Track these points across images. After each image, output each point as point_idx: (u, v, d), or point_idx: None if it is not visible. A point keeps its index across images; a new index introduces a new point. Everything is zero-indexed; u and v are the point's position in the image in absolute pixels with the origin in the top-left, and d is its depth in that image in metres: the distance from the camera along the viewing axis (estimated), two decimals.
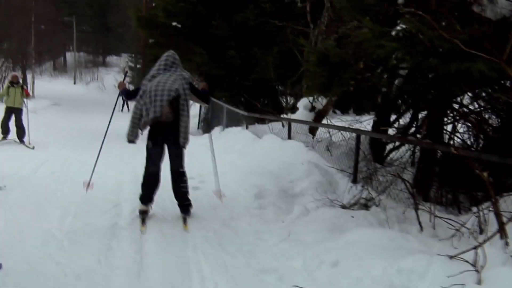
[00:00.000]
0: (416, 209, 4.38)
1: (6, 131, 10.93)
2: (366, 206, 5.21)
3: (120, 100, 5.15)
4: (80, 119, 18.84)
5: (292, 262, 3.86)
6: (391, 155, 7.21)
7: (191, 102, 5.16)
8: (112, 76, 36.38)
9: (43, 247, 4.20)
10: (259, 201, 5.62)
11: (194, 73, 14.60)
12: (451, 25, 3.37)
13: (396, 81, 5.90)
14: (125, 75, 5.02)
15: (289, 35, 10.14)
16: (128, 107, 20.43)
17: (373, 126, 7.11)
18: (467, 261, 2.80)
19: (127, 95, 5.23)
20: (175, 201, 5.23)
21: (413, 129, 6.81)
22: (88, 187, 5.36)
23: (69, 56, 42.69)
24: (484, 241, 2.89)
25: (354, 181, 5.99)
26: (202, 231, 4.82)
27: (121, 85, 5.38)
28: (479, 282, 2.63)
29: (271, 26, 11.77)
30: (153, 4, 20.99)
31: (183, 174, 5.11)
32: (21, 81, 24.96)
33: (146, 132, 5.01)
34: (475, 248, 2.81)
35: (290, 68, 11.21)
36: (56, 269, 3.74)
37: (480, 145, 6.09)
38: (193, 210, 5.26)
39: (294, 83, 10.85)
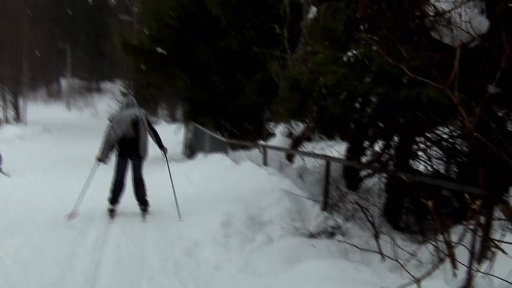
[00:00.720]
0: (377, 239, 4.27)
1: None
2: (332, 235, 5.09)
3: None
4: (69, 145, 18.75)
5: None
6: (365, 182, 7.10)
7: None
8: (105, 102, 36.48)
9: None
10: (226, 229, 5.48)
11: (178, 99, 14.59)
12: (400, 51, 3.32)
13: (367, 108, 5.85)
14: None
15: (269, 61, 10.17)
16: None
17: (346, 153, 7.03)
18: None
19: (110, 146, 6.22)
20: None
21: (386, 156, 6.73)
22: (71, 216, 6.01)
23: (64, 82, 42.80)
24: (425, 275, 2.78)
25: (324, 208, 5.87)
26: (162, 260, 4.71)
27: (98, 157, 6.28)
28: None
29: (254, 52, 11.80)
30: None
31: (142, 180, 6.44)
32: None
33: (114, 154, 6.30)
34: (417, 281, 2.70)
35: (272, 94, 11.18)
36: None
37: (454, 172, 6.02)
38: (158, 237, 5.50)
39: (272, 108, 10.83)
